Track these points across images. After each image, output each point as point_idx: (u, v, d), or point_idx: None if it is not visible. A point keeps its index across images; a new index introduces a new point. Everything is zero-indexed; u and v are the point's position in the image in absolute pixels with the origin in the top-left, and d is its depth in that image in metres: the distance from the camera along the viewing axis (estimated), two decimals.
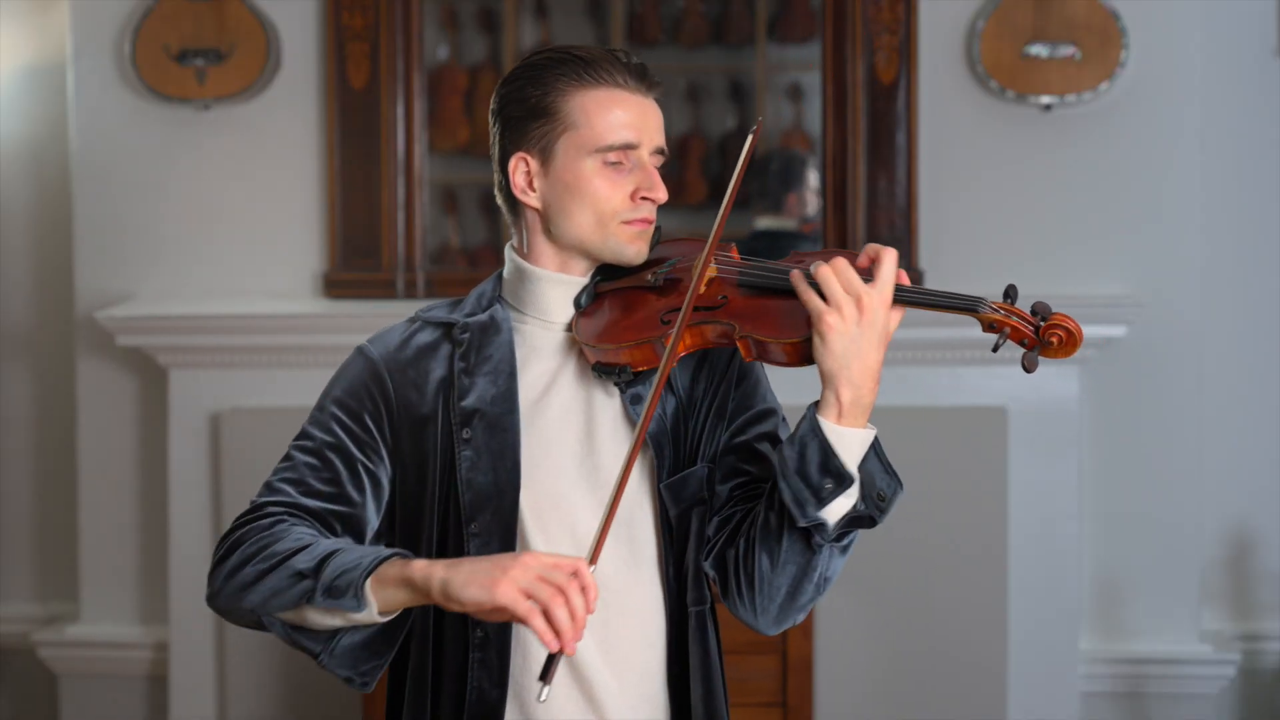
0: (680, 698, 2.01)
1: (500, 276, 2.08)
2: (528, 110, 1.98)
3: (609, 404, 2.00)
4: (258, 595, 1.89)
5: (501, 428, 1.97)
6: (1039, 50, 3.93)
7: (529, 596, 1.75)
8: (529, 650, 1.97)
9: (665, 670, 2.01)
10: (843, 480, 1.87)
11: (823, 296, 1.86)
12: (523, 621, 1.74)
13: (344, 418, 2.01)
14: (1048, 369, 3.93)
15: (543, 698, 1.76)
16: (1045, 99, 3.94)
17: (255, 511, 1.96)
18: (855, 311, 1.85)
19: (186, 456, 4.10)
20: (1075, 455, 3.96)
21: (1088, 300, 3.93)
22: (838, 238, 4.01)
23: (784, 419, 2.06)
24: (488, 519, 1.96)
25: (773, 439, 2.03)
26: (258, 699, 4.08)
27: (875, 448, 1.91)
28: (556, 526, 1.97)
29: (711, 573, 2.00)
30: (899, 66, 3.97)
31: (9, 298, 4.43)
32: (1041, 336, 1.88)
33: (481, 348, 2.01)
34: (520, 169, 2.00)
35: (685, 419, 2.00)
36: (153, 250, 4.18)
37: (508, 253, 2.06)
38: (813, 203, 4.19)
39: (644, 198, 1.98)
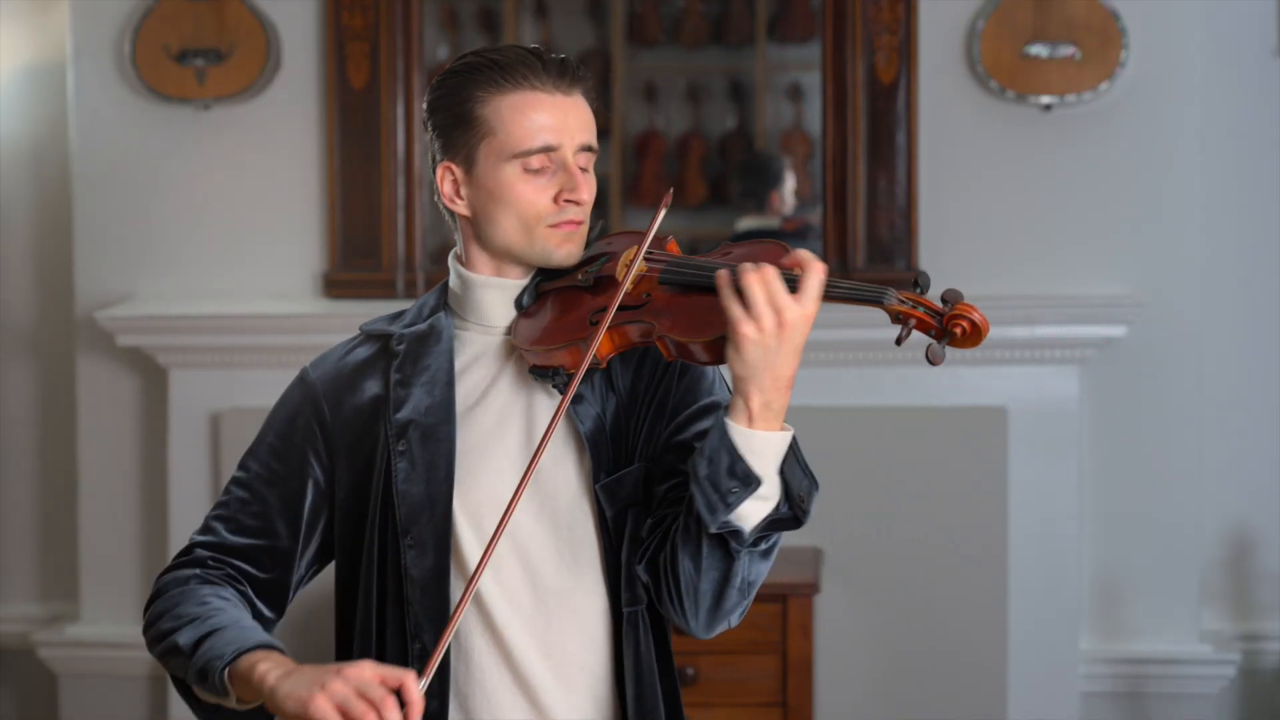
0: (618, 697, 2.01)
1: (446, 285, 2.08)
2: (450, 118, 1.98)
3: (550, 406, 1.99)
4: (159, 653, 1.98)
5: (435, 437, 1.98)
6: (1039, 50, 3.93)
7: (343, 712, 1.76)
8: (470, 659, 1.98)
9: (612, 672, 2.01)
10: (748, 482, 1.83)
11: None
12: None
13: (279, 448, 2.06)
14: (1047, 369, 3.93)
15: None
16: (1045, 99, 3.93)
17: (185, 555, 2.04)
18: (774, 325, 1.80)
19: (186, 456, 4.09)
20: (1075, 455, 3.96)
21: (1088, 300, 3.93)
22: (838, 238, 4.01)
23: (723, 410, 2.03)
24: (422, 528, 1.96)
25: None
26: None
27: (793, 449, 1.86)
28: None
29: (644, 576, 1.97)
30: (899, 66, 3.97)
31: (9, 298, 4.43)
32: (945, 326, 1.83)
33: (419, 358, 2.01)
34: (447, 178, 2.00)
35: (626, 417, 1.99)
36: (153, 250, 4.18)
37: (450, 260, 2.06)
38: (790, 201, 4.20)
39: (568, 200, 1.96)
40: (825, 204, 4.04)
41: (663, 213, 1.95)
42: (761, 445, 1.83)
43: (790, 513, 1.87)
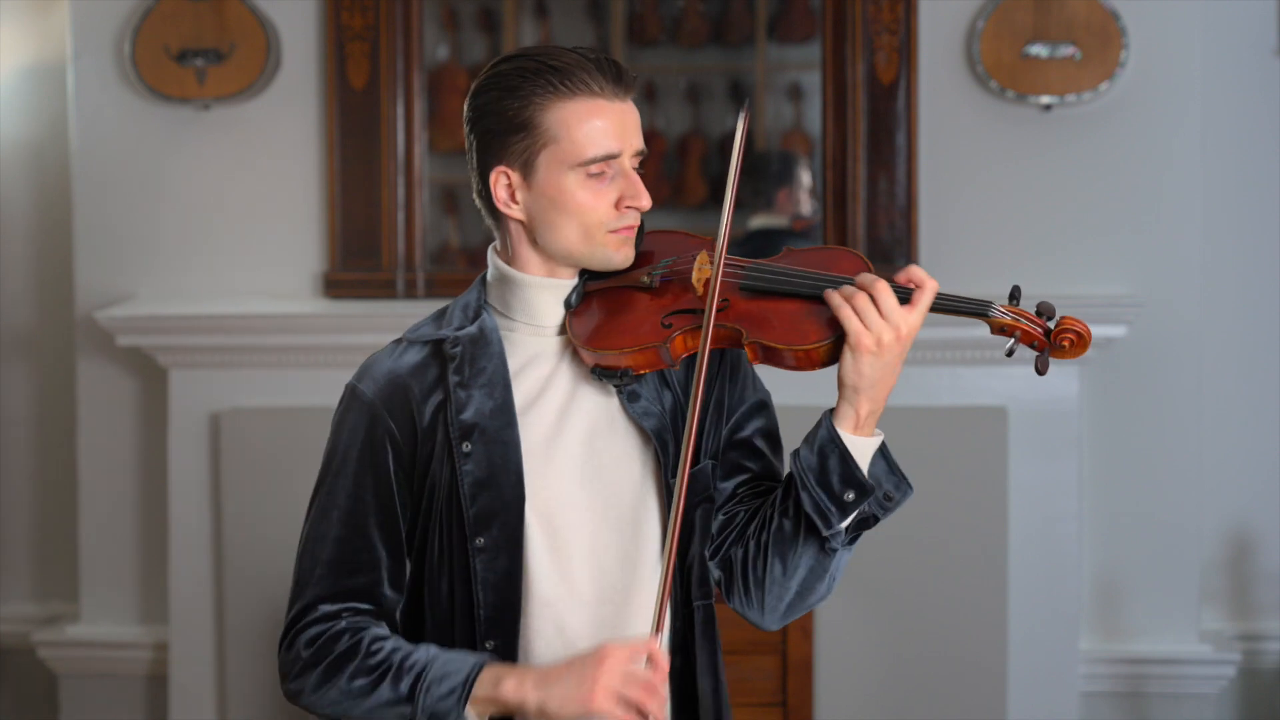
0: (683, 692, 2.02)
1: (483, 282, 2.06)
2: (505, 124, 1.95)
3: (605, 402, 2.00)
4: (353, 710, 1.95)
5: (501, 441, 1.97)
6: (1039, 50, 3.93)
7: (621, 699, 1.83)
8: (535, 659, 1.99)
9: (672, 667, 2.02)
10: (864, 491, 1.91)
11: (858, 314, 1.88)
12: None
13: (363, 476, 2.00)
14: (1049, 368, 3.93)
15: None
16: (1045, 99, 3.94)
17: (314, 612, 1.98)
18: (893, 339, 1.88)
19: (186, 456, 4.09)
20: (1075, 455, 3.96)
21: (1088, 300, 3.93)
22: (838, 238, 4.01)
23: (771, 408, 2.09)
24: (494, 533, 1.97)
25: (768, 434, 2.06)
26: (258, 699, 4.08)
27: (883, 450, 1.94)
28: (566, 531, 1.98)
29: (716, 571, 2.02)
30: (899, 66, 3.97)
31: (9, 298, 4.43)
32: (1053, 340, 1.91)
33: (475, 360, 2.00)
34: (501, 183, 1.98)
35: (684, 414, 2.01)
36: (153, 250, 4.18)
37: (491, 258, 2.05)
38: (804, 200, 4.20)
39: (629, 206, 1.97)
40: (825, 204, 4.05)
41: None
42: (863, 450, 1.92)
43: (872, 511, 1.94)
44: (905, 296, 1.90)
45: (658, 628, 1.86)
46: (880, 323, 1.87)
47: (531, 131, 1.94)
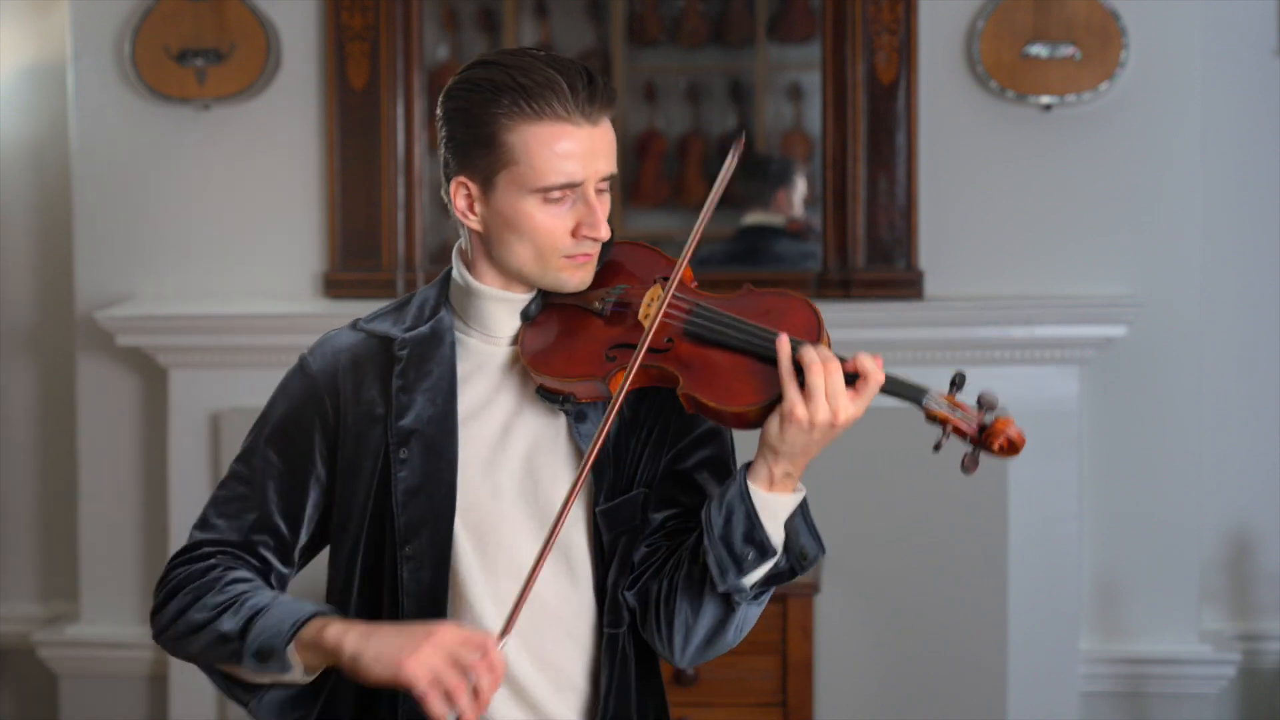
0: (604, 715, 2.00)
1: (448, 279, 2.04)
2: (469, 135, 1.91)
3: (551, 419, 1.97)
4: (194, 648, 1.95)
5: (438, 450, 1.95)
6: (1039, 50, 3.93)
7: (435, 678, 1.78)
8: None
9: (591, 690, 2.01)
10: (765, 551, 1.86)
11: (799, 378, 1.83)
12: (422, 702, 1.78)
13: (280, 441, 2.01)
14: (1047, 369, 3.93)
15: None
16: (1045, 99, 3.93)
17: (191, 551, 2.00)
18: (828, 421, 1.83)
19: (186, 456, 4.09)
20: (1075, 455, 3.96)
21: (1088, 300, 3.93)
22: (838, 238, 4.01)
23: (730, 441, 2.04)
24: (422, 543, 1.94)
25: (713, 465, 2.00)
26: None
27: (802, 508, 1.90)
28: (494, 548, 1.96)
29: (632, 602, 1.98)
30: (899, 66, 3.97)
31: (9, 297, 4.43)
32: (983, 439, 1.85)
33: (421, 363, 1.97)
34: (461, 193, 1.94)
35: (626, 439, 1.98)
36: (153, 250, 4.18)
37: (455, 257, 2.02)
38: (799, 204, 4.20)
39: (586, 235, 1.93)
40: (825, 204, 4.04)
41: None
42: (775, 507, 1.87)
43: (789, 567, 1.90)
44: (849, 380, 1.84)
45: (504, 632, 1.83)
46: (820, 403, 1.82)
47: (493, 149, 1.90)
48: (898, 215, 3.99)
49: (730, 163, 1.94)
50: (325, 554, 2.08)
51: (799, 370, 1.84)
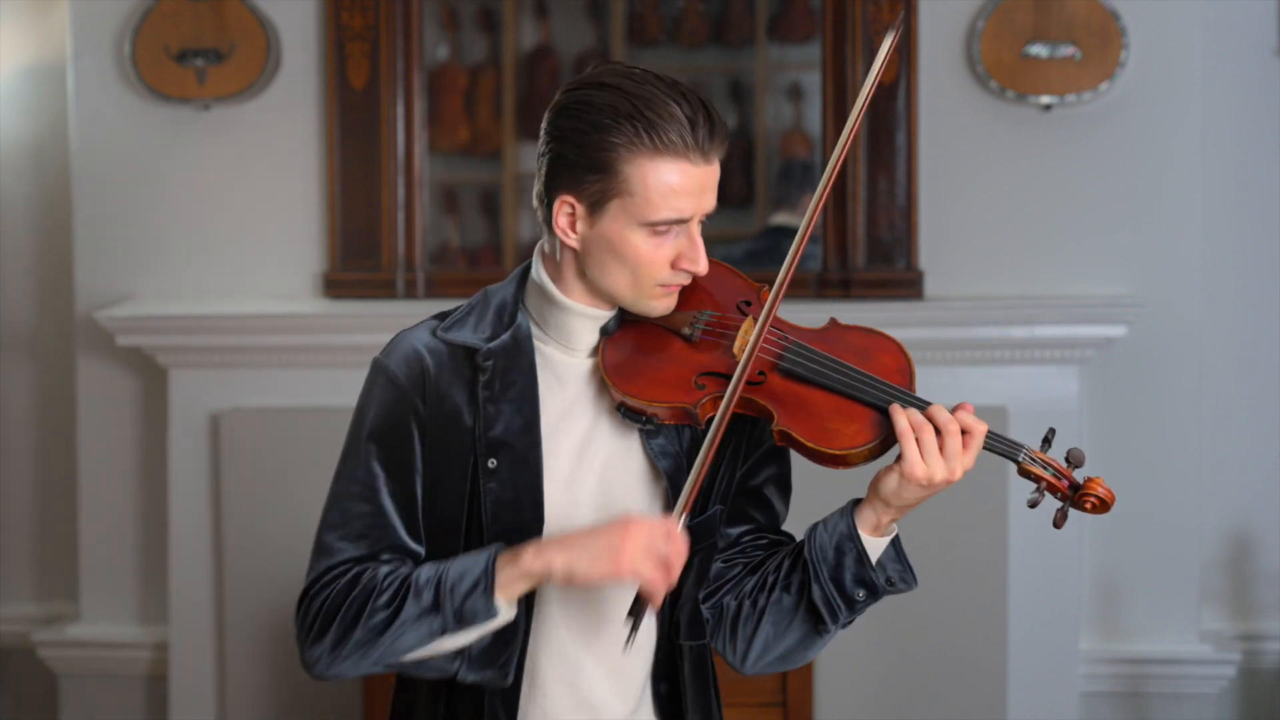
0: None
1: (523, 280, 2.03)
2: (583, 157, 1.89)
3: (625, 432, 1.98)
4: (381, 651, 1.91)
5: (526, 461, 1.96)
6: (1039, 50, 3.93)
7: (648, 560, 1.83)
8: (535, 682, 2.00)
9: (653, 690, 2.04)
10: (875, 592, 1.94)
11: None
12: (643, 590, 1.85)
13: (384, 452, 1.98)
14: (1047, 369, 3.93)
15: (628, 649, 1.92)
16: (1045, 99, 3.93)
17: (323, 578, 1.96)
18: (945, 481, 1.89)
19: (186, 456, 4.09)
20: None
21: (1088, 300, 3.93)
22: (838, 238, 4.01)
23: (787, 450, 2.06)
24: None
25: (779, 480, 2.05)
26: (258, 699, 4.08)
27: (896, 544, 1.97)
28: None
29: (706, 614, 2.02)
30: (899, 66, 3.97)
31: (9, 297, 4.43)
32: (1076, 499, 1.92)
33: (506, 374, 1.97)
34: (564, 210, 1.93)
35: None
36: (153, 250, 4.18)
37: (536, 262, 2.01)
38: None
39: (685, 268, 1.93)
40: (825, 204, 4.04)
41: (781, 293, 1.93)
42: (876, 549, 1.94)
43: (876, 598, 1.97)
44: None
45: (684, 511, 1.88)
46: (939, 462, 1.88)
47: (608, 176, 1.89)
48: (898, 215, 3.99)
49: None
50: None
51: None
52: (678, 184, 1.89)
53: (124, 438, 4.22)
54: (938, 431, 1.88)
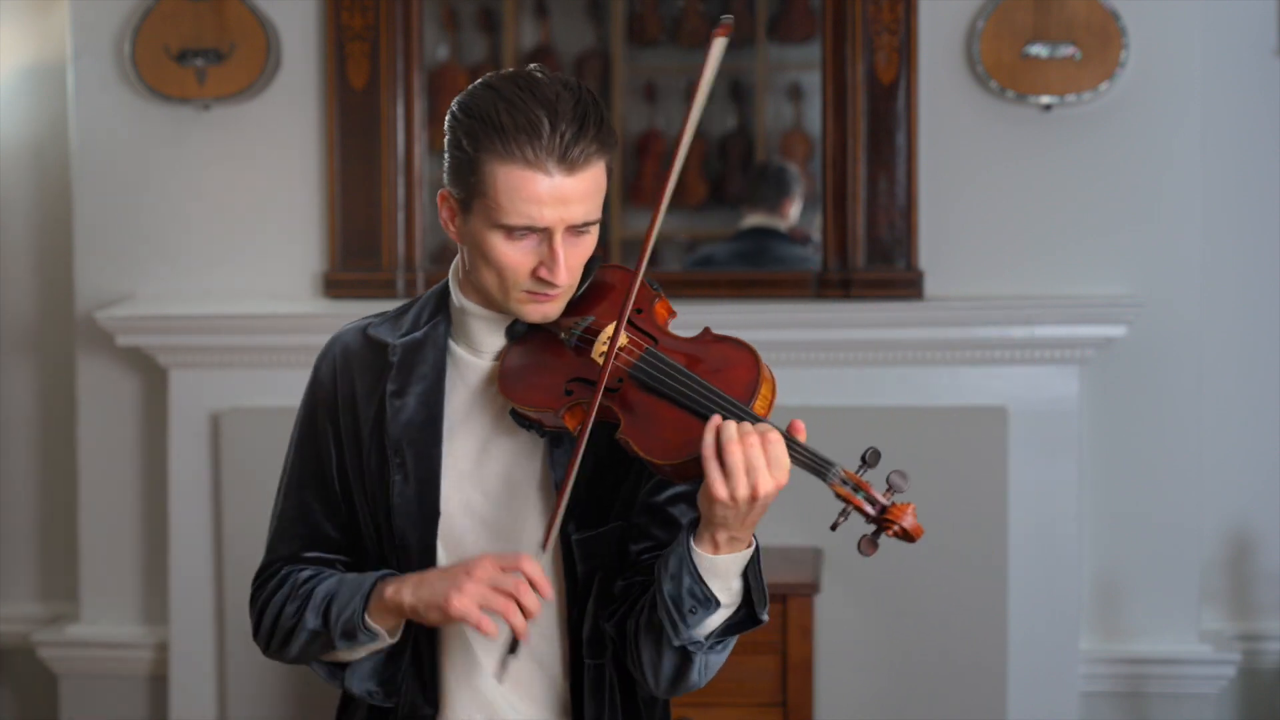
0: None
1: (447, 288, 2.07)
2: (455, 156, 1.93)
3: (531, 443, 1.99)
4: (294, 652, 2.06)
5: (426, 455, 1.99)
6: (1039, 50, 3.93)
7: (481, 600, 1.86)
8: (446, 673, 2.04)
9: (571, 716, 2.04)
10: (707, 605, 1.87)
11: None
12: (478, 630, 1.88)
13: (307, 449, 2.09)
14: (1047, 369, 3.93)
15: (502, 680, 1.97)
16: (1045, 99, 3.93)
17: (264, 572, 2.11)
18: (748, 496, 1.81)
19: (186, 456, 4.09)
20: (1075, 455, 3.96)
21: (1088, 300, 3.93)
22: (838, 238, 4.01)
23: None
24: (411, 546, 1.99)
25: (689, 499, 1.99)
26: (258, 699, 4.08)
27: (755, 560, 1.89)
28: (471, 549, 2.00)
29: (613, 632, 2.00)
30: (899, 66, 3.97)
31: (9, 297, 4.43)
32: (880, 523, 1.83)
33: (412, 368, 2.01)
34: (445, 205, 1.98)
35: (603, 472, 1.98)
36: (153, 250, 4.18)
37: (451, 270, 2.06)
38: (795, 215, 4.20)
39: (541, 278, 1.92)
40: (825, 204, 4.04)
41: (634, 293, 1.92)
42: (725, 566, 1.87)
43: (744, 617, 1.91)
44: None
45: (544, 544, 1.90)
46: (740, 478, 1.80)
47: (471, 176, 1.91)
48: (898, 215, 3.99)
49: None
50: None
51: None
52: (527, 192, 1.88)
53: (124, 438, 4.22)
54: (723, 452, 1.81)
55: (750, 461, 1.80)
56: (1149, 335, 3.97)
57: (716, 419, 1.82)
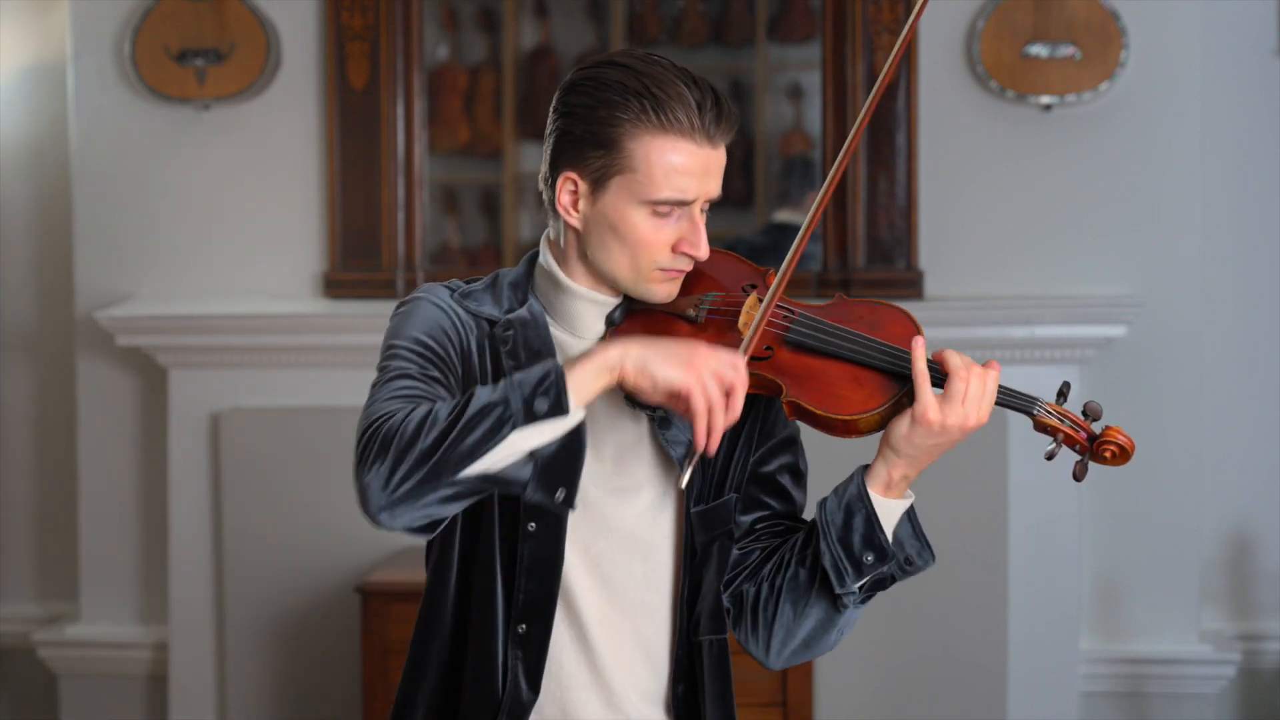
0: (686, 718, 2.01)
1: (533, 264, 2.02)
2: (589, 133, 1.89)
3: (635, 421, 1.97)
4: (443, 461, 1.75)
5: None
6: (1039, 50, 3.93)
7: (706, 388, 1.77)
8: (561, 656, 1.97)
9: (670, 692, 2.01)
10: (885, 555, 1.90)
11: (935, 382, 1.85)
12: (690, 412, 1.77)
13: (426, 352, 1.90)
14: (1047, 369, 3.93)
15: (684, 482, 1.88)
16: (1045, 99, 3.94)
17: (386, 408, 1.82)
18: (960, 425, 1.85)
19: (186, 456, 4.09)
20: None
21: (1088, 300, 3.93)
22: (838, 238, 4.01)
23: (800, 444, 2.05)
24: (543, 522, 1.93)
25: (793, 471, 2.02)
26: (258, 699, 4.08)
27: (910, 515, 1.93)
28: (587, 540, 1.96)
29: (727, 603, 2.00)
30: (899, 66, 3.97)
31: (9, 297, 4.43)
32: (1095, 449, 1.89)
33: (528, 343, 1.95)
34: (567, 188, 1.92)
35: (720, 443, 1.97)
36: (153, 250, 4.18)
37: (544, 247, 2.00)
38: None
39: (685, 252, 1.92)
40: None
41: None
42: (890, 511, 1.91)
43: (891, 572, 1.93)
44: (940, 379, 1.86)
45: (748, 350, 1.85)
46: (954, 406, 1.84)
47: (613, 151, 1.88)
48: (898, 215, 3.99)
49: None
50: None
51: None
52: (681, 163, 1.88)
53: (124, 438, 4.22)
54: (951, 378, 1.85)
55: (974, 392, 1.84)
56: (1149, 335, 3.97)
57: (920, 340, 1.86)
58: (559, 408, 1.76)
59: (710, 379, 1.78)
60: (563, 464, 1.81)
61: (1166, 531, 4.03)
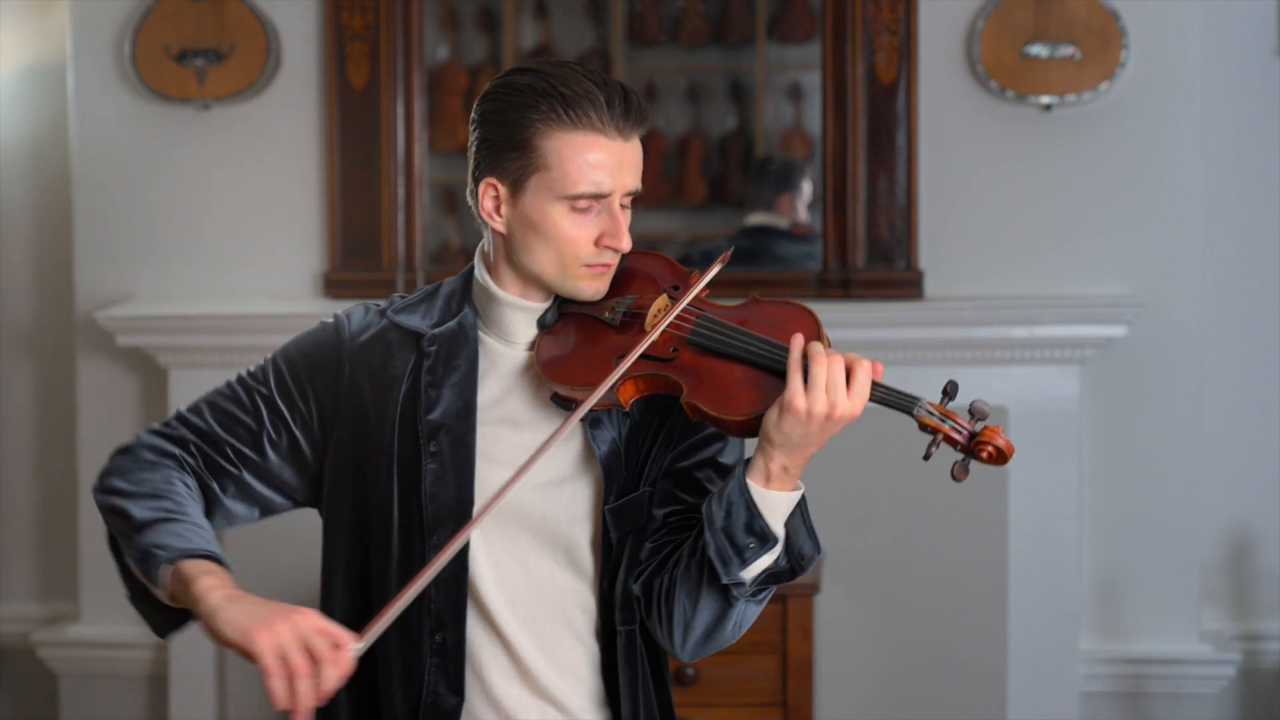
0: (613, 715, 2.05)
1: (470, 276, 2.08)
2: (503, 137, 1.96)
3: (560, 421, 1.99)
4: (106, 507, 1.99)
5: (463, 443, 1.99)
6: (1039, 50, 3.93)
7: (282, 656, 1.77)
8: (474, 655, 2.01)
9: (603, 685, 2.05)
10: (766, 540, 1.90)
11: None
12: (265, 676, 1.77)
13: (287, 378, 2.04)
14: (1047, 369, 3.93)
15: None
16: (1045, 99, 3.93)
17: (171, 430, 2.05)
18: (825, 413, 1.86)
19: None
20: (1075, 455, 3.96)
21: (1088, 300, 3.93)
22: (838, 238, 4.01)
23: (739, 448, 2.06)
24: (447, 532, 1.97)
25: (716, 466, 2.04)
26: (258, 699, 4.08)
27: (801, 508, 1.93)
28: (504, 542, 2.00)
29: (638, 592, 2.02)
30: (899, 66, 3.97)
31: (9, 297, 4.43)
32: (972, 448, 1.89)
33: (449, 359, 2.02)
34: (489, 194, 1.99)
35: (635, 440, 2.02)
36: (153, 250, 4.18)
37: (478, 258, 2.07)
38: (803, 209, 4.20)
39: (608, 245, 1.98)
40: (825, 204, 4.04)
41: (714, 271, 1.98)
42: (774, 503, 1.91)
43: (789, 567, 1.94)
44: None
45: (361, 635, 1.81)
46: (820, 394, 1.85)
47: (527, 152, 1.95)
48: (898, 215, 3.99)
49: (709, 273, 2.00)
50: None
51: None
52: (594, 158, 1.94)
53: (124, 437, 4.20)
54: (811, 364, 1.87)
55: (833, 379, 1.86)
56: (1149, 335, 3.97)
57: (800, 335, 1.89)
58: (152, 578, 1.91)
59: (292, 646, 1.77)
60: (159, 608, 1.96)
61: (1166, 531, 4.03)
